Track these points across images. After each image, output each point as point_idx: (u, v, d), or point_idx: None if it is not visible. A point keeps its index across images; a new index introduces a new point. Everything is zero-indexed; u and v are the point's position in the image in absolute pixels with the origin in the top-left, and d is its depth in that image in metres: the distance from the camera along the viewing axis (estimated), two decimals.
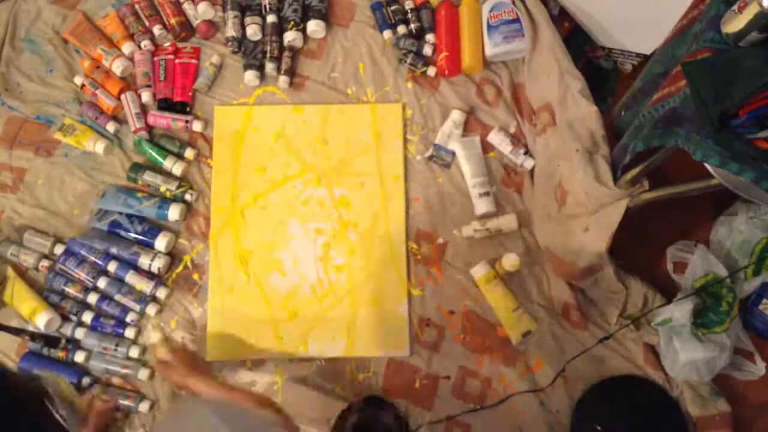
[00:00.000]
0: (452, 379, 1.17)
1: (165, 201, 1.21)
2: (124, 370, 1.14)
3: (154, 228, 1.21)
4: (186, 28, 1.32)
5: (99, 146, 1.24)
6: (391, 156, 1.26)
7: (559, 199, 1.15)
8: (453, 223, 1.24)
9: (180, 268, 1.22)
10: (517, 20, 1.26)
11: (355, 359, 1.18)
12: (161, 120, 1.26)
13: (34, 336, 1.13)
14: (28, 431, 0.56)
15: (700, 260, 1.20)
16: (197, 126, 1.26)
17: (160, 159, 1.23)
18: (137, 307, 1.17)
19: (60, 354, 1.15)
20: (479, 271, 1.19)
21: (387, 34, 1.31)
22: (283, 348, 1.17)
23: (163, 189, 1.22)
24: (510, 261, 1.16)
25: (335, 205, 1.24)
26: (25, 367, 1.13)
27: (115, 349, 1.15)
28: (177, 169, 1.23)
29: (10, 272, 1.19)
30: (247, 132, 1.27)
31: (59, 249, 1.19)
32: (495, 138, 1.27)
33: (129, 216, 1.21)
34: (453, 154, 1.27)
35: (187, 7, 1.32)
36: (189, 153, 1.25)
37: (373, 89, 1.30)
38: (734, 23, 0.79)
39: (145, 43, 1.31)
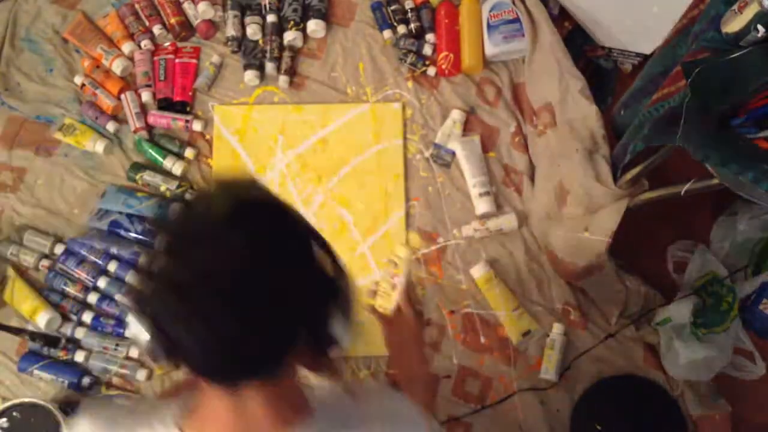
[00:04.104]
0: (453, 379, 1.17)
1: (165, 201, 1.21)
2: (123, 370, 1.14)
3: (154, 228, 1.21)
4: (186, 28, 1.32)
5: (99, 146, 1.24)
6: (391, 155, 1.26)
7: (559, 199, 1.15)
8: (453, 223, 1.24)
9: None
10: (517, 20, 1.26)
11: (356, 358, 1.18)
12: (161, 120, 1.26)
13: (33, 335, 1.13)
14: None
15: (700, 260, 1.20)
16: (197, 126, 1.26)
17: (160, 159, 1.23)
18: None
19: (60, 354, 1.15)
20: (479, 271, 1.19)
21: (387, 33, 1.31)
22: None
23: (163, 188, 1.22)
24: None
25: (335, 204, 1.24)
26: (24, 367, 1.13)
27: (115, 349, 1.15)
28: (177, 168, 1.23)
29: (10, 271, 1.19)
30: (247, 132, 1.27)
31: (59, 249, 1.19)
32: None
33: (129, 216, 1.21)
34: (453, 153, 1.26)
35: (187, 6, 1.32)
36: (189, 153, 1.25)
37: (373, 89, 1.30)
38: (734, 23, 0.79)
39: (145, 43, 1.31)
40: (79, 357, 1.14)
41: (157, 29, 1.31)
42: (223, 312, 0.47)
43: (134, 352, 1.16)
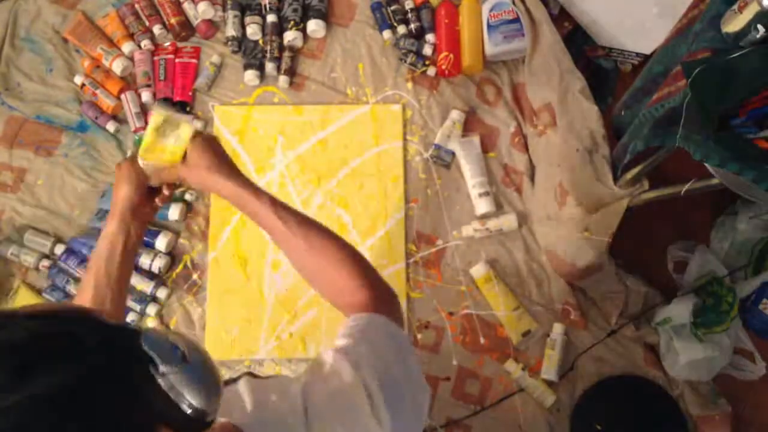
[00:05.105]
0: (452, 381, 1.17)
1: None
2: None
3: (155, 228, 1.21)
4: (186, 28, 1.32)
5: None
6: (391, 157, 1.26)
7: (559, 198, 1.15)
8: (452, 224, 1.24)
9: (180, 268, 1.22)
10: (517, 20, 1.26)
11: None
12: None
13: None
14: None
15: (700, 260, 1.20)
16: (197, 125, 1.26)
17: None
18: (137, 307, 1.17)
19: None
20: (479, 271, 1.19)
21: (387, 34, 1.31)
22: (282, 348, 1.17)
23: None
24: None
25: (334, 206, 1.24)
26: None
27: None
28: None
29: (17, 282, 1.18)
30: (247, 132, 1.27)
31: (60, 249, 1.19)
32: None
33: None
34: (453, 154, 1.26)
35: (187, 6, 1.32)
36: None
37: (373, 89, 1.30)
38: (734, 23, 0.79)
39: (145, 43, 1.31)
40: None
41: (157, 29, 1.31)
42: None
43: None
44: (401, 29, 1.31)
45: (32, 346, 0.37)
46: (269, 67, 1.29)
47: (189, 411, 0.42)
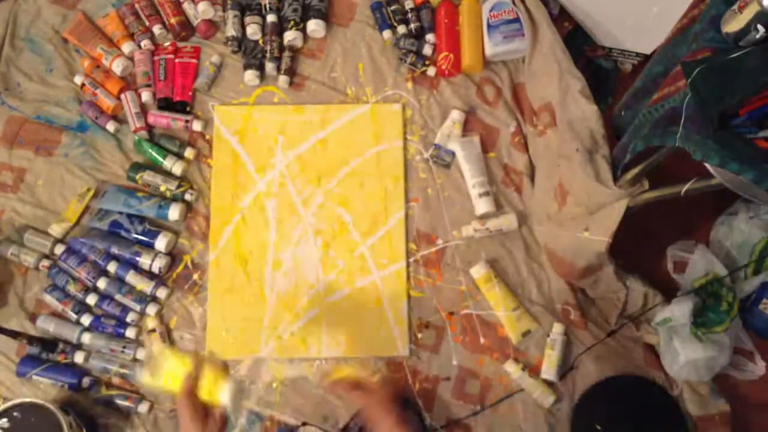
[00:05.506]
0: (452, 380, 1.17)
1: (165, 201, 1.21)
2: (123, 370, 1.14)
3: (155, 228, 1.21)
4: (186, 28, 1.32)
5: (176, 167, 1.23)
6: (391, 156, 1.26)
7: (559, 198, 1.15)
8: (452, 224, 1.24)
9: (180, 268, 1.22)
10: (517, 20, 1.26)
11: (356, 360, 1.18)
12: (161, 119, 1.26)
13: (31, 339, 1.13)
14: None
15: (700, 260, 1.20)
16: (197, 126, 1.26)
17: (160, 158, 1.23)
18: (137, 307, 1.17)
19: (58, 358, 1.15)
20: (479, 271, 1.19)
21: (387, 34, 1.31)
22: (283, 348, 1.17)
23: (163, 188, 1.22)
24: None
25: (334, 205, 1.24)
26: (23, 372, 1.14)
27: (123, 351, 1.15)
28: (177, 168, 1.23)
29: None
30: (247, 132, 1.27)
31: (59, 249, 1.19)
32: None
33: (129, 216, 1.21)
34: (453, 154, 1.26)
35: (187, 6, 1.32)
36: (189, 152, 1.25)
37: (373, 89, 1.30)
38: (734, 23, 0.79)
39: (145, 43, 1.31)
40: (79, 358, 1.14)
41: (157, 29, 1.31)
42: None
43: (141, 354, 1.16)
44: (401, 29, 1.31)
45: None
46: (269, 67, 1.29)
47: None
